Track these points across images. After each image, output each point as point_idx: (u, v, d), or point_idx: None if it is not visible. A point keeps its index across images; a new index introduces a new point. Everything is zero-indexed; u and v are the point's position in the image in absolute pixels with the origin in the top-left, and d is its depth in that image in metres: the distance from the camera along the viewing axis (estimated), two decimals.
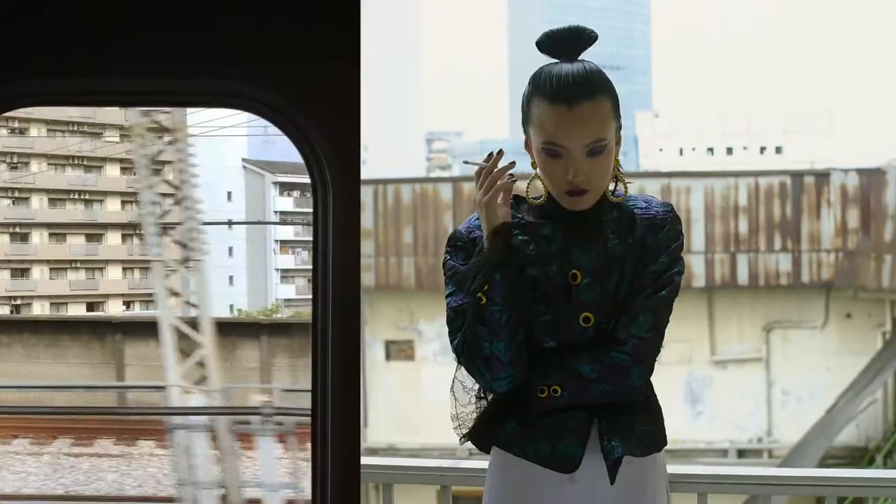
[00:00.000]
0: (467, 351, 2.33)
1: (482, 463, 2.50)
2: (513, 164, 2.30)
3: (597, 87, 2.29)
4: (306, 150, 1.92)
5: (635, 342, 2.31)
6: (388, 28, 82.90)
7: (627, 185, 2.43)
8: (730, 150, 55.63)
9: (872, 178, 15.48)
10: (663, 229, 2.39)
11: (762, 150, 54.99)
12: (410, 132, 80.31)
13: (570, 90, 2.27)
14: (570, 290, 2.35)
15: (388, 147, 67.86)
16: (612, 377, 2.30)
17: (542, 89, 2.30)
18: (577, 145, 2.26)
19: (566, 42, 2.34)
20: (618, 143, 2.37)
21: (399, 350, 16.66)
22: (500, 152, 2.30)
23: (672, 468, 2.56)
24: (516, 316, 2.29)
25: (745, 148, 55.46)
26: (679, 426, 15.10)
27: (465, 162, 2.32)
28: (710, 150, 56.24)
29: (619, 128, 2.37)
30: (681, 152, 55.31)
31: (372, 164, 55.24)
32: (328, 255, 1.90)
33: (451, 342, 2.36)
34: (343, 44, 1.87)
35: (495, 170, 2.28)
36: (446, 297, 2.38)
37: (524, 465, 2.37)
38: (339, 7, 1.86)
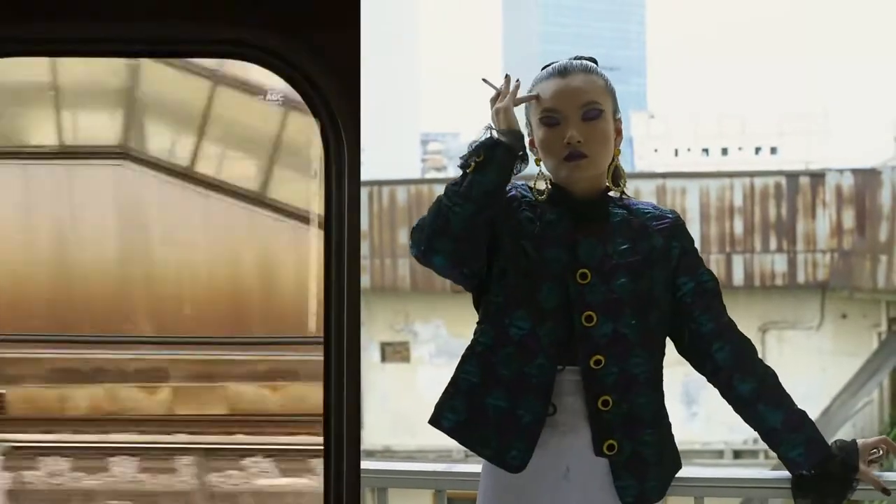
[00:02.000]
0: (427, 216, 2.32)
1: (478, 467, 2.48)
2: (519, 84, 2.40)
3: (591, 69, 2.44)
4: (314, 99, 1.76)
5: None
6: (384, 29, 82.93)
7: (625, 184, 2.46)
8: (725, 151, 55.73)
9: (868, 178, 15.48)
10: (684, 234, 2.45)
11: (757, 150, 55.10)
12: (405, 133, 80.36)
13: (566, 67, 2.42)
14: (570, 286, 2.34)
15: (383, 148, 67.89)
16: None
17: (541, 75, 2.44)
18: (572, 106, 2.36)
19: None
20: (618, 133, 2.44)
21: (394, 352, 16.65)
22: (507, 77, 2.41)
23: None
24: (494, 199, 2.30)
25: (740, 148, 55.57)
26: (675, 427, 15.05)
27: (484, 80, 2.43)
28: (706, 150, 56.35)
29: (618, 118, 2.45)
30: (676, 153, 55.45)
31: (367, 165, 55.22)
32: (343, 214, 1.76)
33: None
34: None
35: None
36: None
37: None
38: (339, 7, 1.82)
